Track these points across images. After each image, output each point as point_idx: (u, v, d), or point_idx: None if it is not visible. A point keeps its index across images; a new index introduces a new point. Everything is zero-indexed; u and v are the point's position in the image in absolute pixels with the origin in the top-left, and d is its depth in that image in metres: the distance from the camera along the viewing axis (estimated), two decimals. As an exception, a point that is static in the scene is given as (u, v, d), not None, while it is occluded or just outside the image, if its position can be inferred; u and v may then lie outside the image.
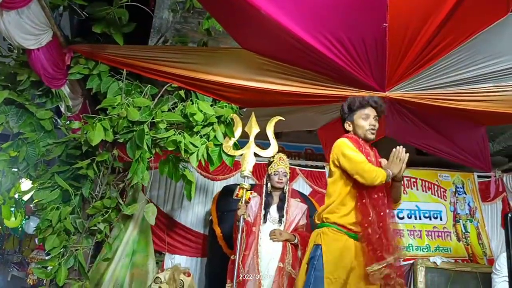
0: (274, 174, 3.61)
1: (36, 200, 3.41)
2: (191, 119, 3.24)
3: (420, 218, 5.26)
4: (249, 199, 3.37)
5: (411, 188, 5.41)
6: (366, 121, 2.63)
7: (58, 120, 3.68)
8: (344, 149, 2.54)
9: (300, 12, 2.64)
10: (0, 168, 3.42)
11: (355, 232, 2.48)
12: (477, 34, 2.82)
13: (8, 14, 2.76)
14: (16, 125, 3.37)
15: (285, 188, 3.63)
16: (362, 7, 2.62)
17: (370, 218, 2.40)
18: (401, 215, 5.24)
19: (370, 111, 2.66)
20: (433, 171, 5.56)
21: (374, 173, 2.42)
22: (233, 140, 3.47)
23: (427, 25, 2.72)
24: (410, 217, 5.26)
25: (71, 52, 3.25)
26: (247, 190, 3.31)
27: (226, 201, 4.36)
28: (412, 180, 5.45)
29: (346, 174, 2.54)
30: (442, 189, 5.45)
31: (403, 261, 4.87)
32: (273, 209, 3.56)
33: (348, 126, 2.72)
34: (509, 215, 3.22)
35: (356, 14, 2.66)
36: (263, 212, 3.52)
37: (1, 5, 2.67)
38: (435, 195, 5.42)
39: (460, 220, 5.36)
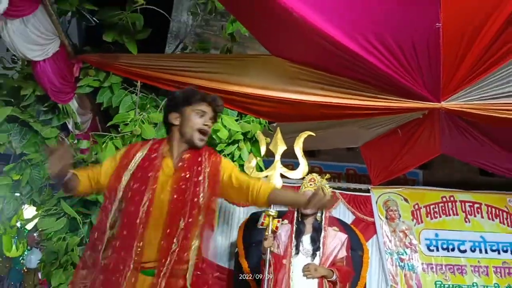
0: (303, 199, 3.22)
1: (40, 229, 3.13)
2: (214, 136, 2.95)
3: (486, 252, 4.66)
4: (277, 228, 2.96)
5: (475, 216, 4.78)
6: (201, 118, 1.97)
7: (65, 139, 3.42)
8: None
9: (338, 12, 2.39)
10: (1, 193, 3.16)
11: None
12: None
13: (12, 22, 2.61)
14: (19, 145, 3.12)
15: (317, 215, 3.18)
16: (410, 4, 2.34)
17: None
18: (463, 248, 4.70)
19: (206, 109, 2.00)
20: (501, 195, 4.90)
21: None
22: (255, 160, 3.13)
23: (487, 25, 2.42)
24: (473, 251, 4.66)
25: (79, 62, 3.11)
26: (273, 218, 2.90)
27: (254, 230, 3.91)
28: (476, 206, 4.80)
29: None
30: (512, 217, 4.88)
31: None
32: (306, 239, 3.15)
33: (174, 119, 2.01)
34: None
35: (403, 14, 2.37)
36: (294, 242, 3.12)
37: (5, 13, 2.52)
38: (504, 224, 4.78)
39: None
